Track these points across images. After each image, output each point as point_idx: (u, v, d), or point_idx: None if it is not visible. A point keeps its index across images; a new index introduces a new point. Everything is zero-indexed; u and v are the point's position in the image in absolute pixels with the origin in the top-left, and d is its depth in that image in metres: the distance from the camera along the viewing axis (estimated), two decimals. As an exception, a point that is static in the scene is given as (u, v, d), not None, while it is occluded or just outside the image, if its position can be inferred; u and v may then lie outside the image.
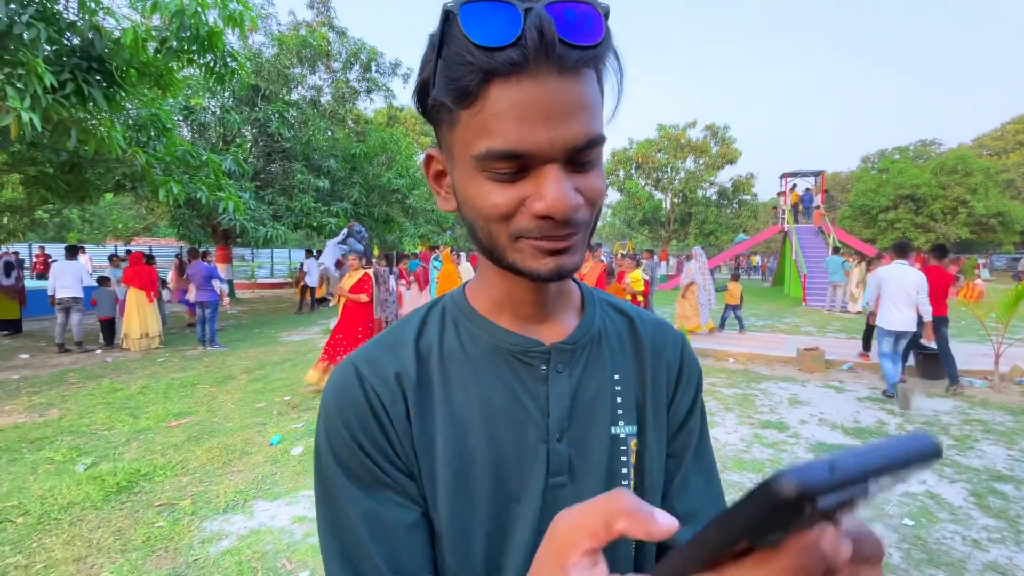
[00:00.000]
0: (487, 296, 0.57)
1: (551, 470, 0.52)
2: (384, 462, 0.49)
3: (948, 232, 24.90)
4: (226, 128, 11.31)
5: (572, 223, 0.45)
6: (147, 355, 7.77)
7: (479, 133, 0.43)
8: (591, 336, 0.58)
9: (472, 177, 0.46)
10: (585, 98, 0.43)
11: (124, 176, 7.60)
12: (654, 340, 0.62)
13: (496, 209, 0.45)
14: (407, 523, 0.49)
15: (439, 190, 0.54)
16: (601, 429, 0.55)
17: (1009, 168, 35.13)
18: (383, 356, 0.53)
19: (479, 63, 0.41)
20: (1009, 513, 3.19)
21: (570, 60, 0.41)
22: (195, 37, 5.45)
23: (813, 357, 6.88)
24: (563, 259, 0.47)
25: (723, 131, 26.87)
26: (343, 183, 13.13)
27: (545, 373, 0.54)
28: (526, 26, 0.40)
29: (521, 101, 0.41)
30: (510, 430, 0.52)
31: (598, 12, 0.42)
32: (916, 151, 44.48)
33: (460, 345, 0.55)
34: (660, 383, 0.60)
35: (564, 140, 0.43)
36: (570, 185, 0.44)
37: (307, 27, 14.02)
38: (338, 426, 0.50)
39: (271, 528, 2.98)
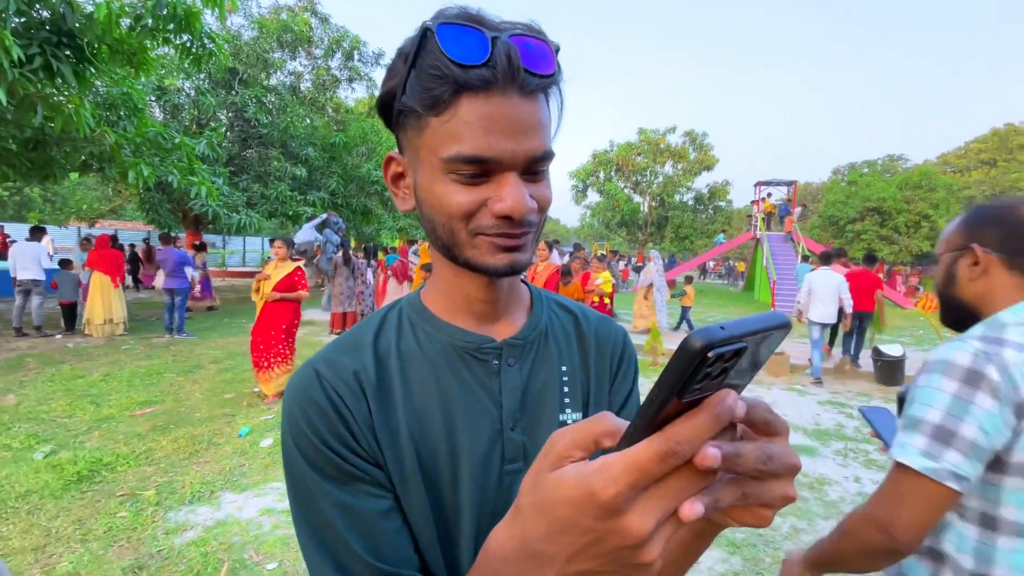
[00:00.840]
0: (442, 298, 0.61)
1: (506, 457, 0.56)
2: (351, 455, 0.51)
3: (911, 245, 25.87)
4: (201, 111, 11.01)
5: (526, 224, 0.51)
6: (110, 342, 7.54)
7: (448, 138, 0.49)
8: (539, 332, 0.63)
9: (437, 178, 0.51)
10: (541, 118, 0.51)
11: (91, 156, 7.32)
12: (598, 335, 0.68)
13: (460, 207, 0.50)
14: (381, 510, 0.51)
15: (397, 191, 0.59)
16: (551, 417, 0.60)
17: (971, 185, 36.69)
18: (342, 357, 0.56)
19: (454, 76, 0.47)
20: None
21: (531, 85, 0.49)
22: (171, 16, 5.28)
23: (779, 361, 7.10)
24: (516, 255, 0.53)
25: (701, 138, 27.36)
26: (321, 172, 12.91)
27: (497, 367, 0.58)
28: (495, 51, 0.47)
29: (489, 114, 0.48)
30: (467, 421, 0.56)
31: (551, 48, 0.51)
32: (884, 165, 46.05)
33: (417, 345, 0.59)
34: (603, 373, 0.66)
35: (524, 152, 0.49)
36: (526, 191, 0.50)
37: (289, 12, 13.72)
38: (302, 427, 0.51)
39: (238, 520, 2.94)
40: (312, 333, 8.71)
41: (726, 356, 0.25)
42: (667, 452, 0.27)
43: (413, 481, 0.53)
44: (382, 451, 0.53)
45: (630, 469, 0.27)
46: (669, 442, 0.27)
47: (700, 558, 2.34)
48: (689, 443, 0.26)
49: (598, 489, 0.28)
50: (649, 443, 0.27)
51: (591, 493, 0.28)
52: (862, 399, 6.01)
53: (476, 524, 0.54)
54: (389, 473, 0.53)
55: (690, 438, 0.26)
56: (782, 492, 0.31)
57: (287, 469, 0.53)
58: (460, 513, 0.54)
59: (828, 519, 3.21)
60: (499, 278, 0.56)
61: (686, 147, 27.36)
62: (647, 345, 7.70)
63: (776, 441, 0.31)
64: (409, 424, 0.54)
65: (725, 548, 2.83)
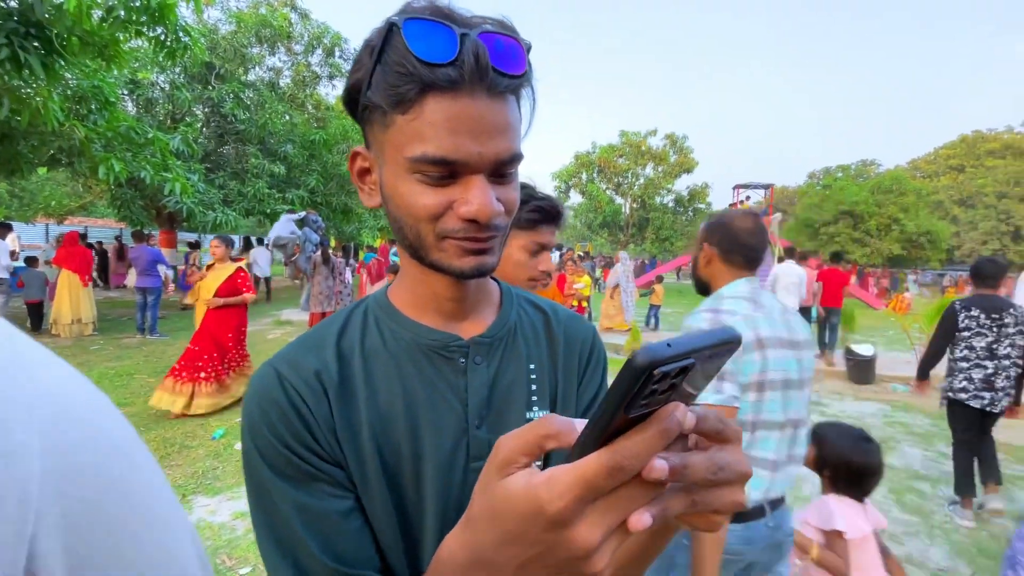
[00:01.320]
0: (410, 295, 0.60)
1: (471, 455, 0.56)
2: (311, 456, 0.51)
3: (882, 247, 26.59)
4: (175, 105, 10.76)
5: (493, 227, 0.51)
6: (79, 342, 7.32)
7: (414, 138, 0.47)
8: (508, 329, 0.63)
9: (403, 177, 0.50)
10: (510, 119, 0.49)
11: (60, 150, 7.10)
12: (567, 332, 0.68)
13: (426, 210, 0.49)
14: (342, 510, 0.51)
15: (363, 186, 0.57)
16: (517, 414, 0.59)
17: (939, 190, 37.89)
18: (304, 356, 0.55)
19: (420, 75, 0.45)
20: (924, 509, 3.46)
21: (499, 85, 0.48)
22: (145, 8, 5.15)
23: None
24: (483, 258, 0.52)
25: (682, 140, 27.71)
26: (300, 170, 12.72)
27: (464, 365, 0.58)
28: (463, 49, 0.45)
29: (455, 115, 0.46)
30: (432, 421, 0.55)
31: (522, 47, 0.49)
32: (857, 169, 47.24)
33: (382, 343, 0.58)
34: (571, 371, 0.66)
35: (492, 154, 0.48)
36: (493, 194, 0.49)
37: (268, 6, 13.49)
38: (261, 428, 0.50)
39: (211, 524, 2.88)
40: (290, 333, 8.58)
41: (672, 373, 0.26)
42: (614, 467, 0.27)
43: (375, 481, 0.52)
44: (343, 451, 0.52)
45: (577, 483, 0.28)
46: (616, 456, 0.27)
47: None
48: (636, 458, 0.27)
49: (546, 503, 0.29)
50: (597, 457, 0.27)
51: (539, 506, 0.29)
52: (834, 397, 6.15)
53: (440, 522, 0.54)
54: (351, 473, 0.52)
55: (637, 453, 0.27)
56: (732, 499, 0.32)
57: (246, 470, 0.52)
58: (424, 512, 0.54)
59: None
60: (466, 280, 0.56)
61: (667, 150, 27.68)
62: (627, 345, 7.77)
63: (727, 449, 0.32)
64: (372, 423, 0.54)
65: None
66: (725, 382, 1.30)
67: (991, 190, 35.79)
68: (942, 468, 4.13)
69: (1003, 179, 35.91)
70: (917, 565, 2.81)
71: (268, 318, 10.11)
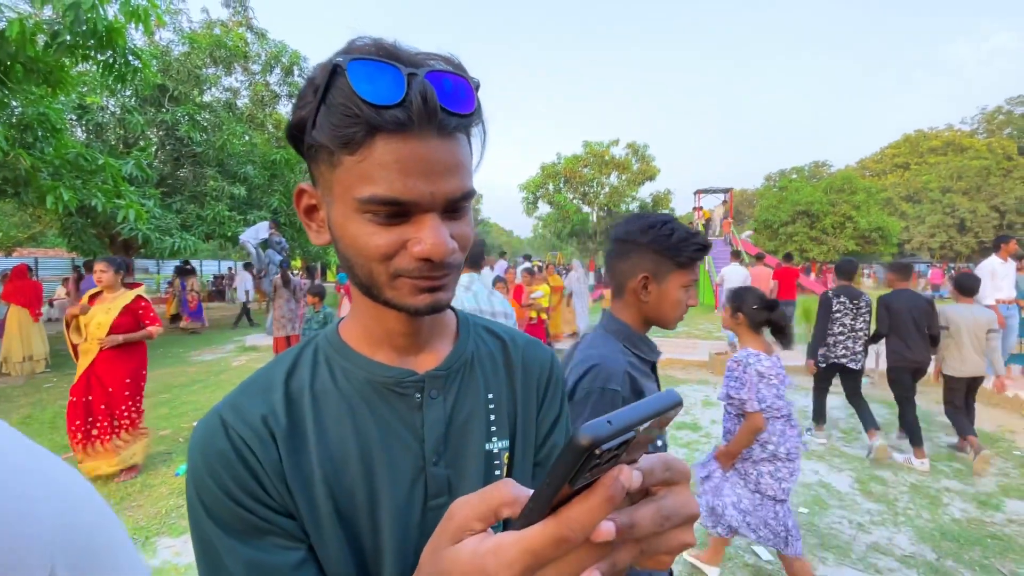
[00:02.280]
0: (362, 331, 0.58)
1: (429, 492, 0.55)
2: (260, 507, 0.49)
3: (837, 244, 27.68)
4: (127, 130, 10.42)
5: (447, 265, 0.50)
6: (31, 381, 6.95)
7: (363, 179, 0.46)
8: (464, 360, 0.62)
9: (352, 217, 0.49)
10: (460, 158, 0.49)
11: (5, 180, 6.78)
12: (525, 359, 0.67)
13: (378, 250, 0.49)
14: (293, 563, 0.49)
15: (311, 223, 0.55)
16: (476, 448, 0.59)
17: (887, 187, 39.71)
18: (249, 401, 0.53)
19: (367, 118, 0.44)
20: (888, 497, 3.58)
21: (449, 125, 0.47)
22: (92, 32, 4.99)
23: (724, 361, 7.38)
24: (438, 295, 0.52)
25: (643, 149, 28.31)
26: (261, 191, 12.46)
27: (419, 401, 0.57)
28: (411, 91, 0.44)
29: (405, 157, 0.46)
30: (386, 461, 0.54)
31: (471, 85, 0.49)
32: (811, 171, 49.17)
33: (333, 382, 0.56)
34: (530, 398, 0.65)
35: (443, 193, 0.48)
36: (447, 232, 0.49)
37: (222, 26, 13.27)
38: (205, 480, 0.49)
39: (176, 566, 2.76)
40: (256, 360, 8.35)
41: (614, 448, 0.27)
42: (560, 538, 0.27)
43: (329, 529, 0.51)
44: (294, 500, 0.50)
45: (524, 554, 0.28)
46: (562, 527, 0.27)
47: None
48: (582, 527, 0.27)
49: (492, 573, 0.29)
50: (544, 527, 0.28)
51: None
52: (801, 393, 6.32)
53: (399, 566, 0.53)
54: (303, 521, 0.51)
55: (584, 523, 0.27)
56: (679, 541, 0.32)
57: (192, 524, 0.50)
58: (381, 556, 0.53)
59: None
60: (421, 316, 0.55)
61: (629, 158, 28.24)
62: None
63: (674, 492, 0.32)
64: (324, 469, 0.52)
65: (679, 550, 2.90)
66: None
67: (935, 185, 37.73)
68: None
69: (946, 174, 37.94)
70: (884, 552, 2.90)
71: (231, 344, 9.83)
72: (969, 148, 42.03)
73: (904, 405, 4.29)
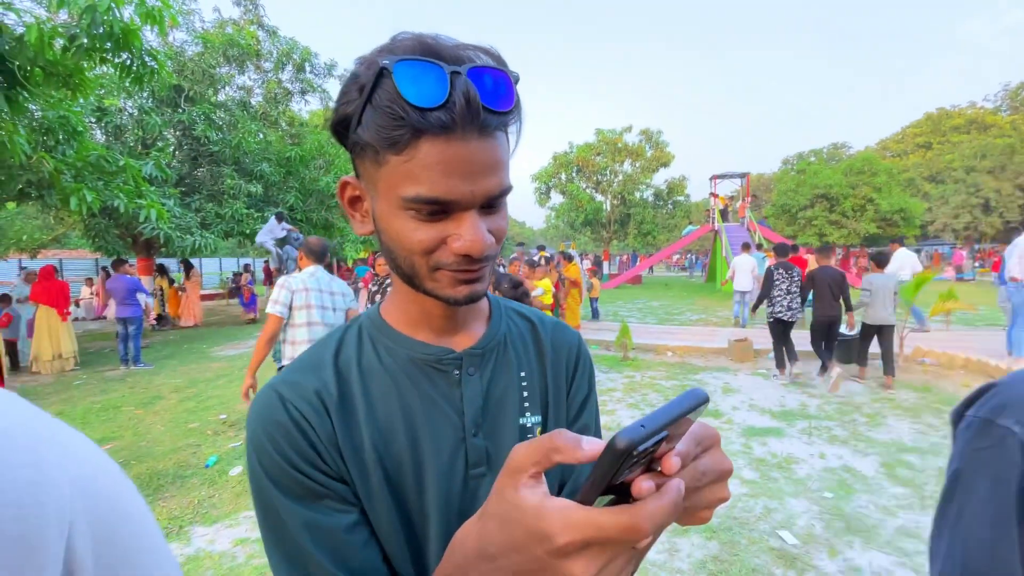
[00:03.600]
0: (402, 313, 0.62)
1: (470, 462, 0.58)
2: (317, 473, 0.52)
3: (858, 228, 27.08)
4: (145, 131, 10.58)
5: (485, 259, 0.53)
6: (61, 379, 7.16)
7: (408, 178, 0.49)
8: (498, 340, 0.65)
9: (396, 213, 0.51)
10: (500, 156, 0.51)
11: (29, 184, 6.94)
12: (553, 340, 0.70)
13: (421, 244, 0.51)
14: (347, 525, 0.52)
15: (354, 214, 0.58)
16: (511, 421, 0.62)
17: (909, 168, 38.69)
18: (303, 377, 0.57)
19: (412, 121, 0.46)
20: (916, 481, 3.53)
21: (490, 125, 0.49)
22: (108, 34, 5.06)
23: (743, 347, 7.32)
24: (475, 287, 0.55)
25: (657, 135, 27.96)
26: (277, 188, 12.59)
27: (458, 377, 0.60)
28: (455, 91, 0.46)
29: (449, 158, 0.48)
30: (430, 431, 0.57)
31: (511, 80, 0.50)
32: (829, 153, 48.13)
33: (378, 359, 0.60)
34: (560, 376, 0.69)
35: (483, 191, 0.50)
36: (484, 228, 0.51)
37: (234, 25, 13.35)
38: (266, 448, 0.52)
39: (211, 553, 2.84)
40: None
41: (650, 447, 0.31)
42: (633, 527, 0.31)
43: (379, 493, 0.54)
44: (347, 466, 0.54)
45: (591, 527, 0.31)
46: (637, 519, 0.31)
47: (680, 546, 2.37)
48: (655, 525, 0.31)
49: (554, 532, 0.32)
50: (619, 514, 0.31)
51: (547, 533, 0.32)
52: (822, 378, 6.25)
53: (444, 529, 0.56)
54: (355, 487, 0.54)
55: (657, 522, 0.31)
56: (717, 496, 0.37)
57: (254, 492, 0.54)
58: (427, 519, 0.56)
59: (797, 496, 3.33)
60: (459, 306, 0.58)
61: (643, 145, 27.91)
62: (617, 341, 7.82)
63: (708, 453, 0.37)
64: (373, 438, 0.56)
65: (703, 534, 2.90)
66: (278, 303, 3.15)
67: (959, 165, 36.67)
68: (930, 439, 4.23)
69: (969, 153, 36.84)
70: (912, 536, 2.87)
71: (253, 339, 9.99)
72: (993, 126, 40.73)
73: (820, 344, 6.14)
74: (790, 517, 3.09)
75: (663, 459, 0.33)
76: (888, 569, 2.60)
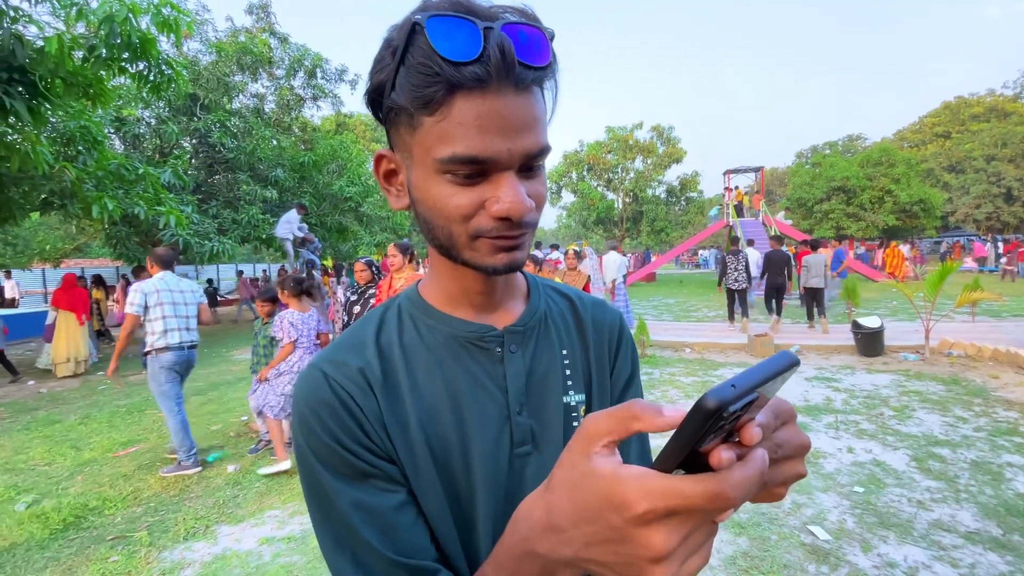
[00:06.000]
0: (441, 290, 0.61)
1: (515, 440, 0.57)
2: (364, 452, 0.52)
3: (876, 220, 26.60)
4: (163, 139, 10.75)
5: (525, 224, 0.51)
6: (86, 383, 7.29)
7: (443, 138, 0.47)
8: (538, 318, 0.64)
9: (433, 178, 0.49)
10: (536, 112, 0.49)
11: (52, 193, 7.09)
12: (594, 318, 0.69)
13: (458, 210, 0.49)
14: (395, 504, 0.52)
15: (390, 188, 0.57)
16: (555, 400, 0.60)
17: (928, 158, 37.94)
18: (346, 356, 0.56)
19: (446, 75, 0.44)
20: (948, 474, 3.45)
21: (526, 79, 0.47)
22: (126, 44, 5.15)
23: (763, 342, 7.21)
24: (515, 255, 0.52)
25: (668, 131, 27.77)
26: (292, 193, 12.71)
27: (500, 355, 0.59)
28: (489, 45, 0.44)
29: (484, 113, 0.46)
30: (475, 409, 0.56)
31: (546, 36, 0.48)
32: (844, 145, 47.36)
33: (419, 338, 0.59)
34: (603, 355, 0.67)
35: (521, 150, 0.48)
36: (524, 190, 0.49)
37: (247, 33, 13.52)
38: (313, 427, 0.51)
39: (237, 552, 2.86)
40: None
41: (738, 409, 0.29)
42: (719, 494, 0.29)
43: (426, 472, 0.54)
44: (394, 445, 0.53)
45: (674, 495, 0.29)
46: (723, 486, 0.29)
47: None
48: (743, 493, 0.29)
49: (633, 499, 0.30)
50: (702, 481, 0.29)
51: (625, 501, 0.31)
52: (846, 372, 6.14)
53: (491, 507, 0.55)
54: (402, 466, 0.54)
55: (744, 489, 0.29)
56: (794, 471, 0.36)
57: (302, 471, 0.53)
58: (475, 498, 0.55)
59: (827, 491, 3.27)
60: (498, 276, 0.56)
61: (654, 142, 27.74)
62: (635, 338, 7.76)
63: (784, 428, 0.36)
64: (419, 416, 0.55)
65: (731, 530, 2.86)
66: (134, 305, 3.76)
67: (979, 153, 35.86)
68: (961, 432, 4.12)
69: (990, 142, 35.99)
70: (947, 529, 2.80)
71: (272, 343, 10.10)
72: (1013, 113, 39.74)
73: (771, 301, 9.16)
74: (821, 512, 3.03)
75: (743, 430, 0.31)
76: (925, 563, 2.53)
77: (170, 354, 3.84)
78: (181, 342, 3.88)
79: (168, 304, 3.86)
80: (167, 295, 3.88)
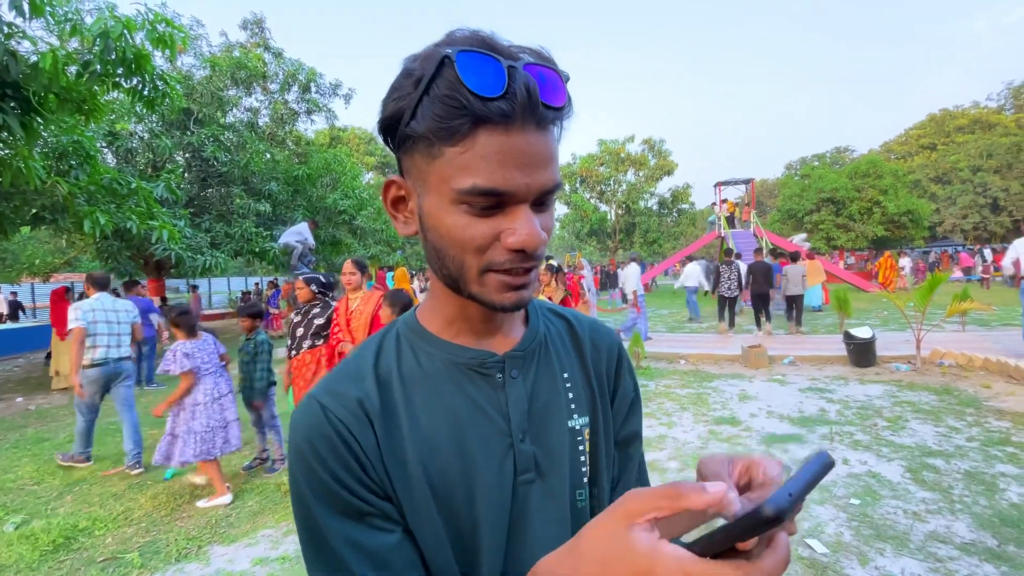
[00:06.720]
0: (440, 316, 0.60)
1: (519, 469, 0.56)
2: (361, 489, 0.51)
3: (866, 230, 26.94)
4: (156, 153, 10.75)
5: (536, 257, 0.52)
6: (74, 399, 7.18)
7: (464, 170, 0.47)
8: (538, 341, 0.63)
9: (448, 207, 0.50)
10: (553, 150, 0.51)
11: (43, 208, 7.06)
12: (592, 338, 0.69)
13: (473, 241, 0.50)
14: (391, 544, 0.51)
15: (397, 215, 0.57)
16: (559, 424, 0.60)
17: (915, 170, 38.56)
18: (344, 386, 0.55)
19: (473, 109, 0.45)
20: (942, 485, 3.46)
21: (546, 118, 0.49)
22: (121, 60, 5.17)
23: (757, 354, 7.24)
24: (522, 293, 0.53)
25: (659, 144, 28.09)
26: (285, 207, 12.71)
27: (502, 380, 0.58)
28: (514, 83, 0.46)
29: (507, 148, 0.47)
30: (477, 438, 0.55)
31: (562, 78, 0.50)
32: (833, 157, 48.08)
33: (418, 365, 0.58)
34: (602, 375, 0.67)
35: (539, 186, 0.49)
36: (538, 223, 0.50)
37: (241, 48, 13.60)
38: (310, 462, 0.51)
39: (231, 573, 2.82)
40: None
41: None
42: None
43: (424, 509, 0.53)
44: (391, 480, 0.52)
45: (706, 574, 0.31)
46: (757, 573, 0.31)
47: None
48: None
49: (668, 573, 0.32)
50: (737, 569, 0.31)
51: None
52: (839, 382, 6.18)
53: (494, 538, 0.54)
54: (399, 503, 0.53)
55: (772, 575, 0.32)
56: (789, 531, 0.38)
57: (295, 504, 0.52)
58: (477, 529, 0.54)
59: (824, 503, 3.27)
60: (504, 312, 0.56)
61: (646, 154, 28.04)
62: (629, 350, 7.77)
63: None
64: (418, 449, 0.54)
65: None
66: (78, 319, 4.18)
67: (965, 165, 36.49)
68: (954, 442, 4.15)
69: (975, 153, 36.66)
70: (943, 540, 2.80)
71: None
72: (997, 125, 40.57)
73: (760, 309, 9.92)
74: (818, 525, 3.03)
75: None
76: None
77: (95, 370, 4.31)
78: (107, 358, 4.36)
79: (102, 323, 4.35)
80: (102, 314, 4.38)
